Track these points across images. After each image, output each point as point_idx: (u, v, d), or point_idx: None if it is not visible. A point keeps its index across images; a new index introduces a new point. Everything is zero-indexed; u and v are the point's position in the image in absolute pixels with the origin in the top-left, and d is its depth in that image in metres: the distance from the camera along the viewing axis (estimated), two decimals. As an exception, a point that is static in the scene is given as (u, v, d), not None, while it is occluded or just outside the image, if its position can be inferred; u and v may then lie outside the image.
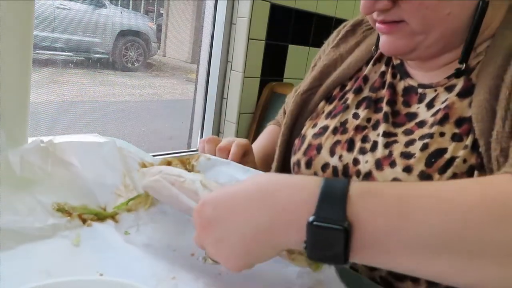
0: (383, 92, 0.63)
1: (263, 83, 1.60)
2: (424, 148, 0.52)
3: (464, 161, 0.50)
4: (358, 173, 0.58)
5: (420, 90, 0.59)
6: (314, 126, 0.68)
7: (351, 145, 0.61)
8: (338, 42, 0.75)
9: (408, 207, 0.35)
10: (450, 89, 0.56)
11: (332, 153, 0.62)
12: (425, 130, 0.55)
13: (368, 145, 0.59)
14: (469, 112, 0.52)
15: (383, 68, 0.66)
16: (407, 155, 0.54)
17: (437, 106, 0.56)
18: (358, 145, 0.60)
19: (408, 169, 0.52)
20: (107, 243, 0.49)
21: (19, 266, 0.43)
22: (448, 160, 0.51)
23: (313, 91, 0.73)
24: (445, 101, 0.55)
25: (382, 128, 0.58)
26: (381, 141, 0.57)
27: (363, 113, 0.62)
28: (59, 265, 0.44)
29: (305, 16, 1.65)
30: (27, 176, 0.53)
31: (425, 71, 0.60)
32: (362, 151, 0.59)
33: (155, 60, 3.69)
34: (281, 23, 1.57)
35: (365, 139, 0.60)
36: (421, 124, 0.56)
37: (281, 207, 0.38)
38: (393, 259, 0.36)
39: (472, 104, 0.51)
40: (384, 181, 0.54)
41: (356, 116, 0.63)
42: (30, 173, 0.54)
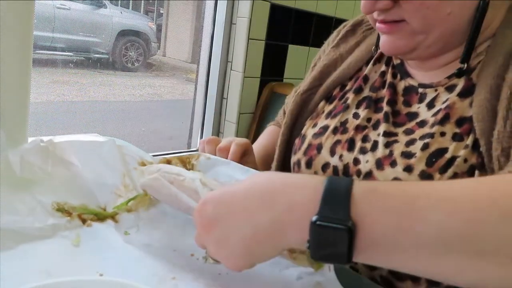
0: (384, 92, 0.63)
1: (263, 83, 1.60)
2: (424, 147, 0.52)
3: (464, 160, 0.50)
4: (358, 173, 0.58)
5: (420, 90, 0.59)
6: (314, 126, 0.68)
7: (351, 145, 0.61)
8: (338, 42, 0.75)
9: (413, 206, 0.35)
10: (450, 89, 0.56)
11: (332, 152, 0.62)
12: (425, 129, 0.55)
13: (368, 145, 0.59)
14: (470, 112, 0.52)
15: (383, 68, 0.66)
16: (407, 155, 0.53)
17: (438, 106, 0.56)
18: (358, 145, 0.60)
19: (408, 169, 0.52)
20: (107, 243, 0.49)
21: (19, 266, 0.43)
22: (448, 159, 0.51)
23: (313, 91, 0.73)
24: (446, 101, 0.55)
25: (382, 127, 0.58)
26: (381, 140, 0.57)
27: (363, 113, 0.62)
28: (59, 265, 0.44)
29: (305, 16, 1.65)
30: (27, 176, 0.53)
31: (425, 71, 0.60)
32: (362, 151, 0.59)
33: (155, 60, 3.69)
34: (281, 23, 1.57)
35: (365, 139, 0.60)
36: (422, 123, 0.56)
37: (282, 206, 0.38)
38: (397, 259, 0.36)
39: (472, 103, 0.51)
40: (384, 180, 0.54)
41: (356, 116, 0.63)
42: (30, 173, 0.54)
